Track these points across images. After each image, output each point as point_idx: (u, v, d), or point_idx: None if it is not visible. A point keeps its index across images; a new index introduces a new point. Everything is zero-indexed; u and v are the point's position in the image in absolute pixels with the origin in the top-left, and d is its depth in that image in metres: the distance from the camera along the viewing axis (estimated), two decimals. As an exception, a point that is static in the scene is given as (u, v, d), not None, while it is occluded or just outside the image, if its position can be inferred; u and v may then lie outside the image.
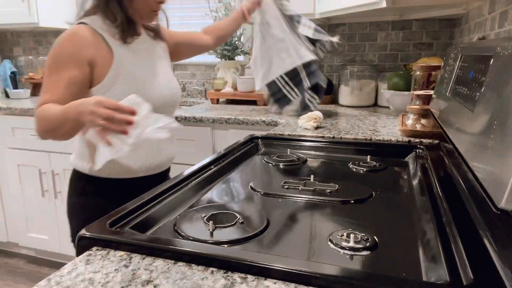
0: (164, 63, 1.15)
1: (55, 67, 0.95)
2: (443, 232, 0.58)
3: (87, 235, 0.57)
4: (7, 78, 2.67)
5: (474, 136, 0.59)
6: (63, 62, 0.95)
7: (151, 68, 1.07)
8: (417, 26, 2.07)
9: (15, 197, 2.26)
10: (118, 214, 0.63)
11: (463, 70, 0.84)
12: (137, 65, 1.03)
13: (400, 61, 2.13)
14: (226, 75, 2.26)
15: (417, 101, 1.30)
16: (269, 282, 0.47)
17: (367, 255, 0.56)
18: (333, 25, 2.21)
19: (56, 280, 0.47)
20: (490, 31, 1.26)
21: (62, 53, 0.95)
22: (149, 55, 1.09)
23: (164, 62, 1.15)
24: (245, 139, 1.23)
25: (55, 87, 0.94)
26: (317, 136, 1.29)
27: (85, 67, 0.96)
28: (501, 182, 0.43)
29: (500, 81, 0.53)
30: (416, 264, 0.54)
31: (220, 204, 0.78)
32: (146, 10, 1.01)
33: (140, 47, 1.07)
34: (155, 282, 0.47)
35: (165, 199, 0.74)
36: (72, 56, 0.95)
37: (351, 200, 0.78)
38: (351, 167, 1.02)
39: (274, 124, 1.67)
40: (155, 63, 1.10)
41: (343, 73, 2.15)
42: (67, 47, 0.96)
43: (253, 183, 0.88)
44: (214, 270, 0.49)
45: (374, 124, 1.50)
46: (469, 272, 0.46)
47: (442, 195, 0.72)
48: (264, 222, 0.66)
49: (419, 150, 1.11)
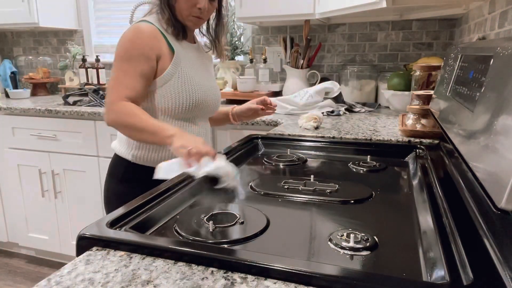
0: (212, 74, 1.26)
1: (127, 61, 1.03)
2: (443, 232, 0.58)
3: (87, 235, 0.57)
4: (7, 78, 2.67)
5: (474, 136, 0.59)
6: (135, 55, 1.03)
7: (202, 73, 1.17)
8: (417, 26, 2.07)
9: (15, 197, 2.26)
10: (118, 214, 0.63)
11: (463, 70, 0.84)
12: (191, 67, 1.13)
13: (400, 61, 2.13)
14: (226, 75, 2.26)
15: (417, 101, 1.30)
16: (269, 282, 0.47)
17: (367, 255, 0.56)
18: (333, 25, 2.21)
19: (56, 280, 0.47)
20: (490, 31, 1.26)
21: (133, 47, 1.03)
22: (201, 62, 1.19)
23: (212, 72, 1.27)
24: (245, 139, 1.23)
25: (129, 81, 1.03)
26: (317, 136, 1.29)
27: (153, 61, 1.05)
28: (501, 182, 0.43)
29: (500, 81, 0.53)
30: (416, 264, 0.54)
31: (220, 204, 0.78)
32: (187, 13, 1.08)
33: (194, 54, 1.18)
34: (155, 282, 0.47)
35: (165, 199, 0.74)
36: (143, 51, 1.03)
37: (351, 200, 0.78)
38: (351, 167, 1.02)
39: (274, 124, 1.67)
40: (205, 71, 1.20)
41: (343, 73, 2.15)
42: (137, 42, 1.04)
43: (253, 183, 0.88)
44: (214, 270, 0.49)
45: (374, 124, 1.50)
46: (469, 272, 0.46)
47: (442, 195, 0.72)
48: (264, 222, 0.66)
49: (419, 150, 1.11)
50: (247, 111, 1.35)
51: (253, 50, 2.33)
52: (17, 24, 2.46)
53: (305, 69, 2.09)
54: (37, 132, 2.09)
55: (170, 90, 1.08)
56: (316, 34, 2.25)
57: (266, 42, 2.37)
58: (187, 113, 1.13)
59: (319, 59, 2.28)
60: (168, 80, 1.08)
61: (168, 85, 1.08)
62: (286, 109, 1.80)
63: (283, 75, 2.31)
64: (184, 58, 1.12)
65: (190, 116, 1.15)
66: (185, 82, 1.10)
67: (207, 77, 1.20)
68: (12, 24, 2.46)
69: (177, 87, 1.08)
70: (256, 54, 2.37)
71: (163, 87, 1.08)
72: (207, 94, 1.16)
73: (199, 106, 1.14)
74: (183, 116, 1.13)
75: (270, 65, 2.33)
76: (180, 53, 1.10)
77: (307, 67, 2.10)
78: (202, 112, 1.18)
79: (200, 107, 1.14)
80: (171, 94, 1.08)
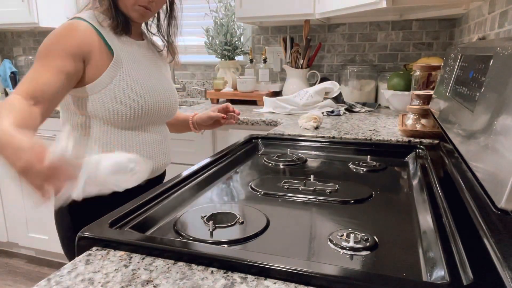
0: (166, 75, 1.11)
1: (45, 57, 0.87)
2: (443, 232, 0.58)
3: (87, 235, 0.57)
4: (7, 78, 2.67)
5: (474, 136, 0.59)
6: (54, 54, 0.87)
7: (151, 75, 1.03)
8: (417, 26, 2.07)
9: (15, 197, 2.26)
10: (118, 214, 0.63)
11: (463, 70, 0.84)
12: (137, 68, 0.99)
13: (400, 61, 2.13)
14: (226, 75, 2.26)
15: (417, 101, 1.30)
16: (269, 282, 0.47)
17: (367, 255, 0.56)
18: (333, 25, 2.22)
19: (56, 280, 0.47)
20: (490, 31, 1.26)
21: (56, 43, 0.89)
22: (150, 62, 1.05)
23: (165, 74, 1.11)
24: (245, 139, 1.23)
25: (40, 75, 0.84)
26: (317, 136, 1.29)
27: (79, 63, 0.89)
28: (501, 182, 0.43)
29: (500, 81, 0.53)
30: (416, 264, 0.54)
31: (220, 204, 0.78)
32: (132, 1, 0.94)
33: (142, 52, 1.03)
34: (155, 282, 0.47)
35: (165, 199, 0.74)
36: (65, 50, 0.88)
37: (351, 200, 0.78)
38: (351, 167, 1.02)
39: (274, 124, 1.67)
40: (157, 72, 1.06)
41: (343, 73, 2.15)
42: (60, 41, 0.89)
43: (253, 183, 0.88)
44: (214, 270, 0.49)
45: (374, 124, 1.50)
46: (469, 272, 0.46)
47: (442, 195, 0.72)
48: (264, 222, 0.66)
49: (419, 150, 1.11)
50: (207, 120, 1.23)
51: (253, 50, 2.33)
52: (17, 24, 2.46)
53: (305, 69, 2.09)
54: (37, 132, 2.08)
55: (110, 96, 0.92)
56: (316, 34, 2.25)
57: (266, 42, 2.37)
58: (134, 121, 0.97)
59: (319, 59, 2.28)
60: (107, 84, 0.92)
61: (108, 90, 0.92)
62: (286, 109, 1.80)
63: (283, 75, 2.31)
64: (127, 57, 0.97)
65: (138, 124, 0.99)
66: (129, 85, 0.95)
67: (159, 78, 1.05)
68: (12, 24, 2.46)
69: (119, 91, 0.93)
70: (256, 54, 2.37)
71: (101, 93, 0.92)
72: (158, 98, 1.01)
73: (149, 112, 0.98)
74: (131, 125, 0.98)
75: (270, 65, 2.33)
76: (121, 52, 0.96)
77: (307, 67, 2.10)
78: (154, 118, 1.02)
79: (149, 114, 0.99)
80: (112, 100, 0.92)
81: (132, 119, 0.96)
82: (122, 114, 0.94)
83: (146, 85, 0.98)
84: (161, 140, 1.07)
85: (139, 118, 0.97)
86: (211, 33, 2.27)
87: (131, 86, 0.95)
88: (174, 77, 2.52)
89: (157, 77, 1.04)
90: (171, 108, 1.07)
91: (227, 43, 2.22)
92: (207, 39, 2.29)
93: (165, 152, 1.09)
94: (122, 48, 0.97)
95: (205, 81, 2.53)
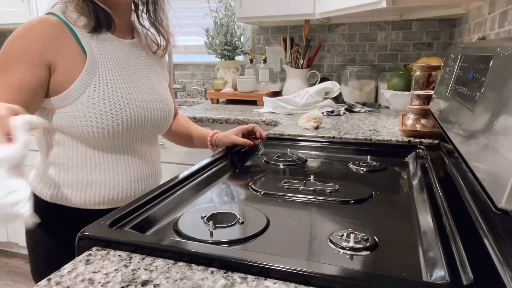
0: (160, 80, 0.94)
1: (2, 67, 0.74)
2: (443, 232, 0.58)
3: (87, 235, 0.57)
4: (7, 78, 2.67)
5: (474, 136, 0.59)
6: (12, 61, 0.73)
7: (138, 82, 0.85)
8: (417, 26, 2.07)
9: (15, 197, 2.26)
10: (118, 214, 0.63)
11: (463, 70, 0.84)
12: (119, 73, 0.82)
13: (400, 61, 2.13)
14: (226, 75, 2.26)
15: (417, 101, 1.30)
16: (269, 282, 0.47)
17: (367, 255, 0.56)
18: (333, 25, 2.22)
19: (56, 280, 0.47)
20: (490, 31, 1.26)
21: (13, 53, 0.74)
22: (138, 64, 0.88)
23: (159, 78, 0.94)
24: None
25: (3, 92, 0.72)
26: (317, 136, 1.29)
27: (41, 71, 0.74)
28: (501, 182, 0.43)
29: (500, 81, 0.53)
30: (416, 264, 0.54)
31: (220, 204, 0.78)
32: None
33: (128, 53, 0.86)
34: (155, 282, 0.47)
35: (165, 199, 0.74)
36: (26, 55, 0.73)
37: (351, 200, 0.78)
38: (351, 167, 1.02)
39: (274, 124, 1.67)
40: (145, 78, 0.88)
41: (343, 73, 2.15)
42: (20, 43, 0.74)
43: (253, 183, 0.88)
44: (214, 270, 0.49)
45: (374, 124, 1.50)
46: (469, 272, 0.46)
47: (442, 195, 0.72)
48: (264, 222, 0.66)
49: (419, 150, 1.11)
50: (229, 144, 1.08)
51: (253, 50, 2.33)
52: (17, 24, 2.43)
53: (305, 69, 2.09)
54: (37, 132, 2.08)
55: (83, 110, 0.76)
56: (316, 34, 2.25)
57: (266, 42, 2.37)
58: (115, 139, 0.81)
59: (319, 59, 2.28)
60: (79, 96, 0.76)
61: (80, 102, 0.76)
62: (286, 109, 1.80)
63: (283, 75, 2.31)
64: (106, 60, 0.80)
65: (121, 143, 0.84)
66: (106, 95, 0.78)
67: (149, 84, 0.88)
68: (12, 24, 2.46)
69: (94, 104, 0.76)
70: (256, 54, 2.37)
71: (72, 105, 0.76)
72: (145, 110, 0.84)
73: (133, 128, 0.82)
74: (111, 144, 0.82)
75: (270, 65, 2.34)
76: (97, 53, 0.79)
77: (307, 67, 2.10)
78: (141, 134, 0.86)
79: (134, 130, 0.83)
80: (85, 115, 0.76)
81: (112, 137, 0.80)
82: (98, 131, 0.78)
83: (129, 94, 0.82)
84: (153, 158, 0.92)
85: (120, 135, 0.81)
86: (211, 33, 2.27)
87: (108, 97, 0.78)
88: (174, 77, 2.52)
89: (147, 84, 0.87)
90: (163, 121, 0.91)
91: (227, 43, 2.22)
92: (207, 39, 2.29)
93: (156, 173, 0.94)
94: (100, 48, 0.80)
95: (205, 81, 2.53)
